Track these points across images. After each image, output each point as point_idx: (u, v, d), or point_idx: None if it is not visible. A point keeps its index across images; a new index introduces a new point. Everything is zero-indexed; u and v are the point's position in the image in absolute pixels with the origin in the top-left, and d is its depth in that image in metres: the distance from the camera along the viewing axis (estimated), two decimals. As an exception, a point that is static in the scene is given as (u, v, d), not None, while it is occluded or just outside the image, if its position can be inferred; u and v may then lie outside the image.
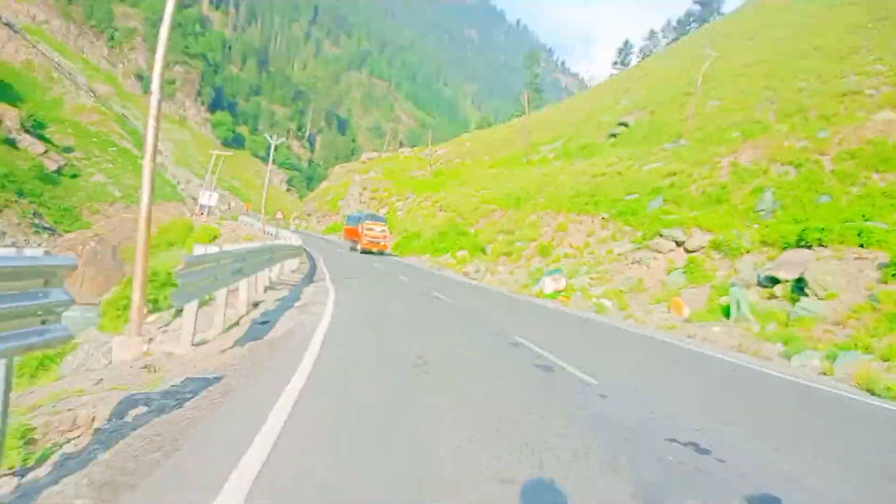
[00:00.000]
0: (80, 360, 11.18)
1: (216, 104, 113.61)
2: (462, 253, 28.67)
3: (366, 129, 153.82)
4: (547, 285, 16.91)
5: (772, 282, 12.58)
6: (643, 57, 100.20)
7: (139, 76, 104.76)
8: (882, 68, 26.41)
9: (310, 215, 65.24)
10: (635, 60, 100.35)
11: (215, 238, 28.60)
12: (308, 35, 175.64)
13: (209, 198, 42.36)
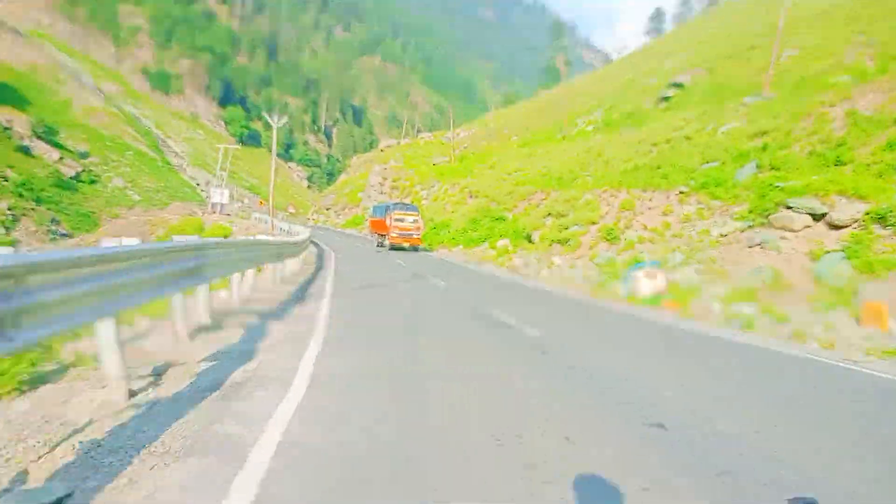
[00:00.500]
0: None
1: (226, 98, 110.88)
2: (503, 243, 24.81)
3: (382, 119, 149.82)
4: (642, 284, 12.47)
5: None
6: (677, 23, 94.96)
7: (145, 72, 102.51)
8: None
9: (329, 209, 61.84)
10: (669, 27, 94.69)
11: (226, 237, 26.04)
12: (318, 23, 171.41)
13: (220, 195, 39.77)
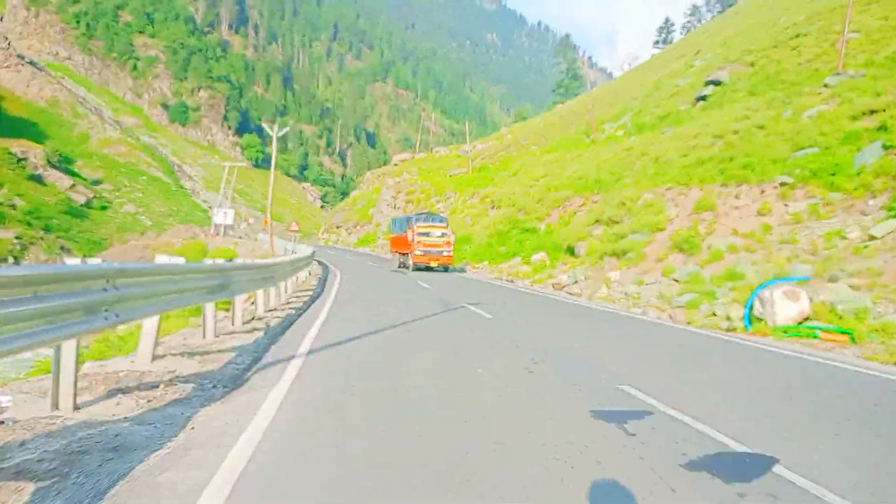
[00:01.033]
0: None
1: (243, 127, 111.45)
2: (539, 257, 22.22)
3: (395, 142, 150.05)
4: (779, 308, 9.21)
5: None
6: (686, 32, 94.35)
7: (164, 105, 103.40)
8: None
9: (339, 227, 59.82)
10: (678, 37, 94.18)
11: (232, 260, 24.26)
12: (330, 52, 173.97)
13: (224, 216, 37.39)
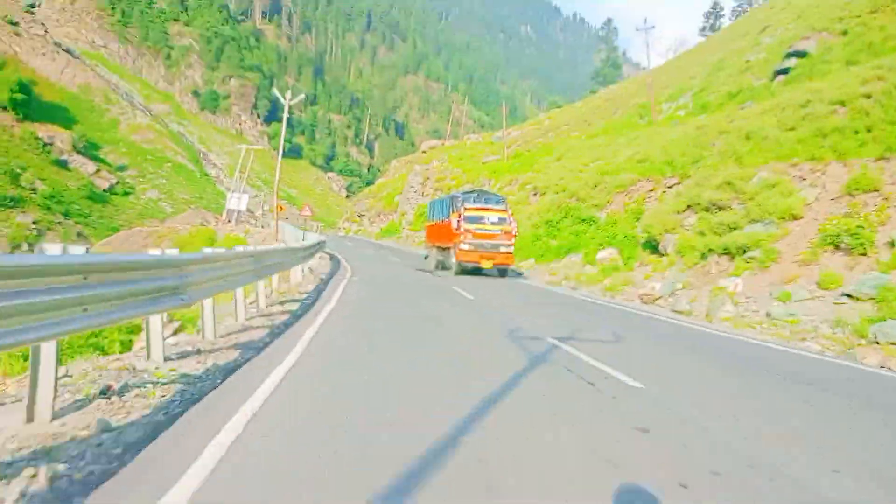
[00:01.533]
0: None
1: (272, 116, 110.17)
2: (607, 254, 17.72)
3: (424, 132, 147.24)
4: None
5: None
6: (736, 17, 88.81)
7: (195, 93, 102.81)
8: None
9: (362, 216, 56.25)
10: (727, 22, 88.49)
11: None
12: (363, 43, 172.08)
13: (238, 201, 34.04)
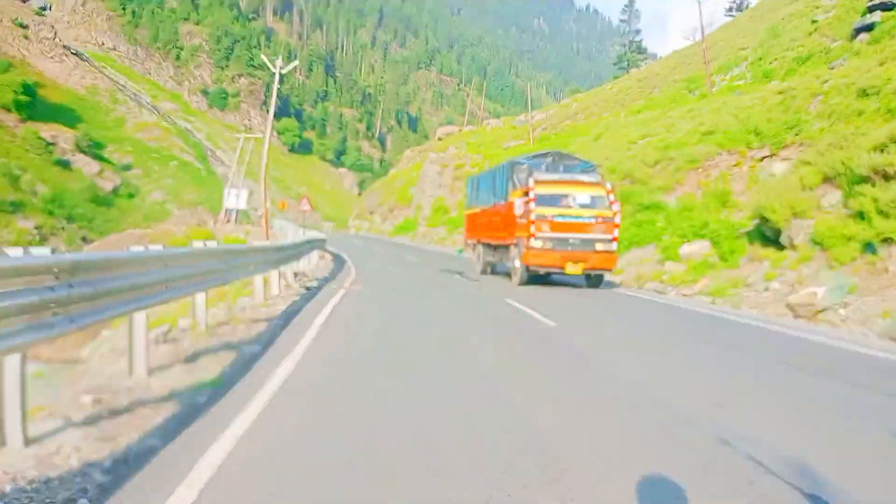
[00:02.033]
0: None
1: (282, 112, 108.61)
2: (696, 248, 13.61)
3: (438, 125, 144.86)
4: None
5: None
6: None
7: (204, 91, 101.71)
8: None
9: (373, 213, 53.21)
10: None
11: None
12: (374, 39, 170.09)
13: (236, 198, 30.96)
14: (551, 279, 13.79)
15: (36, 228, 48.44)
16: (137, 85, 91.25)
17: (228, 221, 36.61)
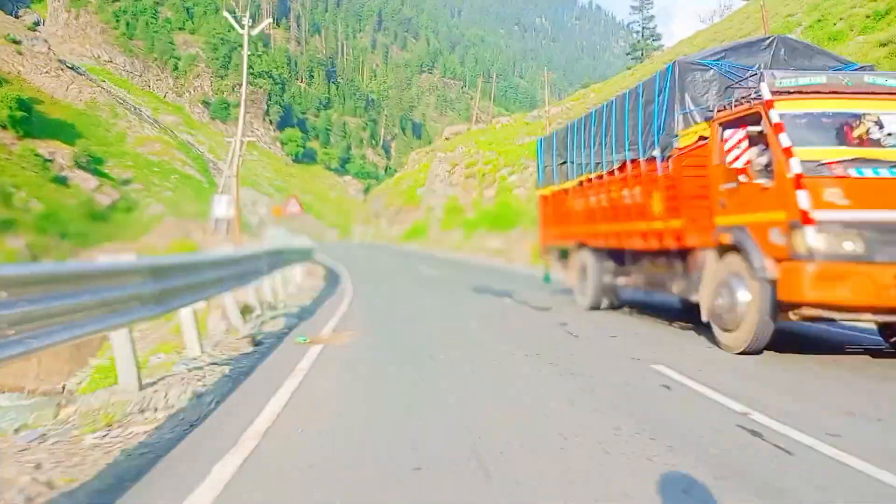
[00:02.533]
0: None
1: (285, 122, 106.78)
2: None
3: (442, 131, 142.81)
4: None
5: None
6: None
7: (206, 103, 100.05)
8: None
9: (379, 216, 50.25)
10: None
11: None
12: (374, 43, 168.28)
13: (227, 206, 27.51)
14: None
15: (27, 247, 46.52)
16: (138, 98, 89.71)
17: (217, 231, 33.94)
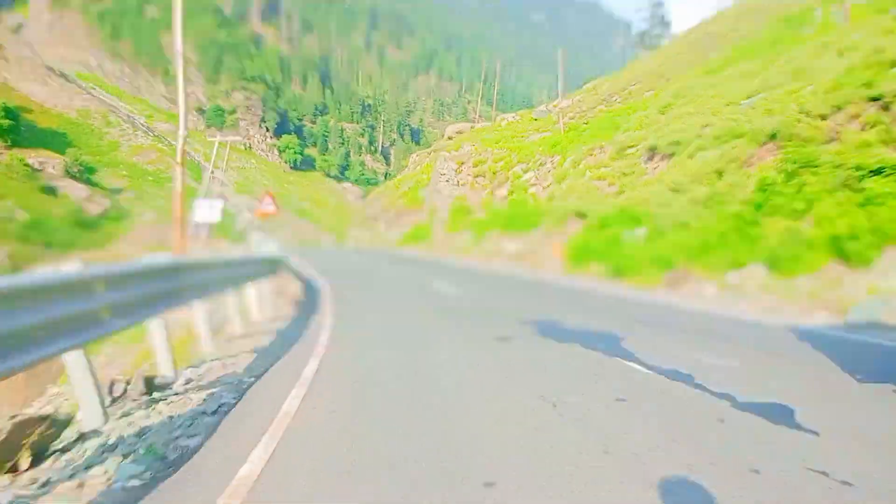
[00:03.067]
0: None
1: (282, 128, 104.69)
2: None
3: (440, 136, 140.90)
4: None
5: None
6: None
7: (200, 110, 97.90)
8: None
9: (377, 219, 47.35)
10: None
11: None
12: (369, 42, 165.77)
13: (209, 210, 24.19)
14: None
15: (8, 257, 44.66)
16: (131, 105, 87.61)
17: (198, 237, 31.33)
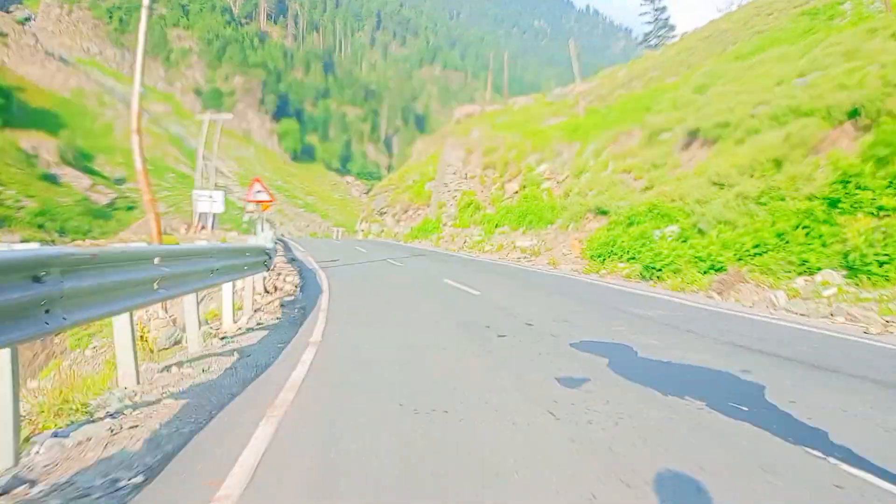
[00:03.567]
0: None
1: (281, 112, 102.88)
2: None
3: (446, 124, 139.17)
4: None
5: None
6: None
7: (197, 92, 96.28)
8: None
9: (384, 213, 45.53)
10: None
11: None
12: (374, 41, 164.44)
13: (210, 201, 23.53)
14: None
15: (23, 242, 44.11)
16: (126, 87, 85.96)
17: (203, 228, 30.26)
